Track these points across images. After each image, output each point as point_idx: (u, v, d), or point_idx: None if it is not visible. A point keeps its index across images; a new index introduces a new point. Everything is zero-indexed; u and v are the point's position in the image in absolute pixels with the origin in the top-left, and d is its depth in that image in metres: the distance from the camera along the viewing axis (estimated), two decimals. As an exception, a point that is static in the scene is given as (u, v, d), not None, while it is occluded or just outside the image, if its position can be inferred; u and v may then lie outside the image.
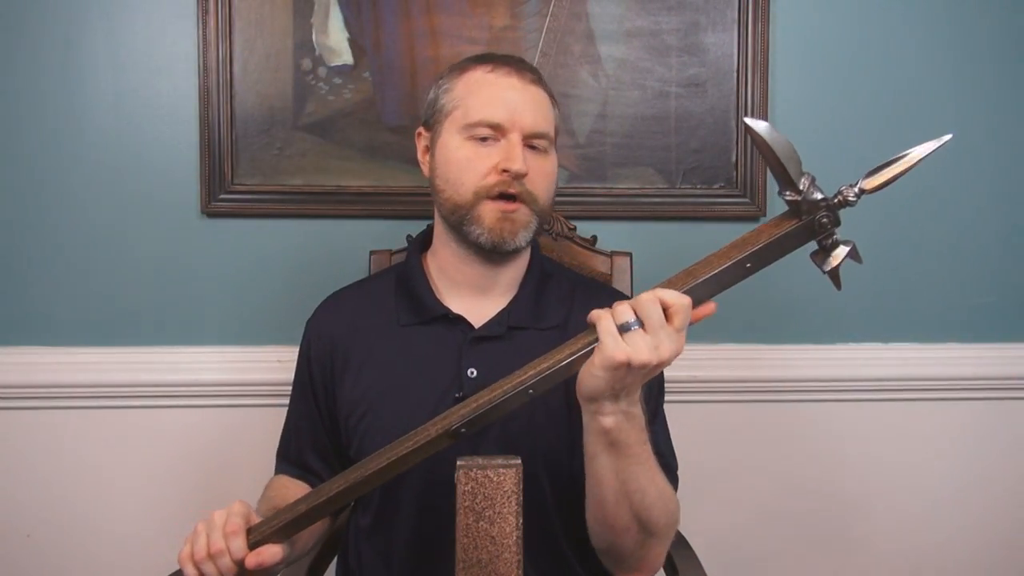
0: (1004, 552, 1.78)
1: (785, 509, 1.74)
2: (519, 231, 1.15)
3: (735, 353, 1.70)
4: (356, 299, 1.29)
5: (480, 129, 1.15)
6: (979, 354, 1.73)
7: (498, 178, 1.14)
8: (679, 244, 1.68)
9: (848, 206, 0.91)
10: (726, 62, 1.65)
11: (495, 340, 1.18)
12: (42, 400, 1.63)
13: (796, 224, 0.91)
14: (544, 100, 1.19)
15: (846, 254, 0.93)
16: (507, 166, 1.13)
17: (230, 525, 1.00)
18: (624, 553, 1.09)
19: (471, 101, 1.16)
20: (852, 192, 0.91)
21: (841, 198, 0.91)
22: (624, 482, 1.01)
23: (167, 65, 1.62)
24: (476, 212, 1.14)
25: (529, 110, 1.15)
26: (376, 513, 1.21)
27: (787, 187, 0.91)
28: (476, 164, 1.14)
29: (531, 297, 1.23)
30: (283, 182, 1.62)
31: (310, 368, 1.26)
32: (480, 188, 1.14)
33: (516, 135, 1.14)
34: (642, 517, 1.04)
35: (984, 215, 1.73)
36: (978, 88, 1.70)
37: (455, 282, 1.23)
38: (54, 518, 1.66)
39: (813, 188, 0.90)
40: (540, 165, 1.17)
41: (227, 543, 0.98)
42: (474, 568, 0.95)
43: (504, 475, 0.94)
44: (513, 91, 1.16)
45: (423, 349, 1.20)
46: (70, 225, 1.62)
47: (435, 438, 0.97)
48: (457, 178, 1.16)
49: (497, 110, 1.14)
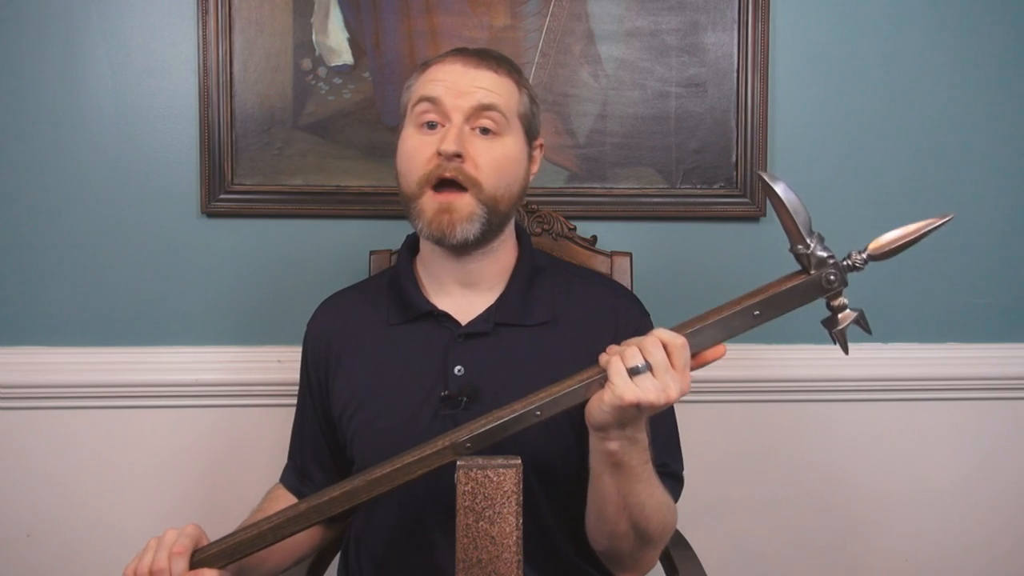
0: (1004, 551, 1.78)
1: (785, 509, 1.74)
2: (460, 223, 1.11)
3: (735, 353, 1.69)
4: (352, 301, 1.29)
5: (422, 107, 1.13)
6: (979, 354, 1.73)
7: (436, 162, 1.11)
8: (679, 244, 1.68)
9: (855, 270, 0.97)
10: (726, 62, 1.65)
11: (482, 337, 1.18)
12: (42, 400, 1.63)
13: (806, 278, 0.97)
14: (499, 81, 1.15)
15: (852, 319, 1.00)
16: (439, 147, 1.11)
17: (178, 545, 1.01)
18: (622, 555, 1.13)
19: (417, 87, 1.16)
20: (859, 257, 0.97)
21: (848, 261, 0.97)
22: (625, 496, 1.04)
23: (167, 65, 1.62)
24: (419, 204, 1.13)
25: (471, 89, 1.13)
26: (377, 513, 1.21)
27: (798, 242, 0.97)
28: (421, 151, 1.13)
29: (519, 293, 1.21)
30: (283, 182, 1.62)
31: (308, 372, 1.27)
32: (421, 177, 1.12)
33: (458, 115, 1.12)
34: (640, 527, 1.08)
35: (984, 215, 1.73)
36: (978, 88, 1.70)
37: (440, 280, 1.22)
38: (54, 518, 1.66)
39: (820, 247, 0.97)
40: (485, 147, 1.13)
41: (170, 563, 1.00)
42: (474, 568, 0.95)
43: (504, 475, 0.94)
44: (456, 73, 1.14)
45: (410, 347, 1.19)
46: (70, 225, 1.62)
47: (440, 451, 0.98)
48: (404, 169, 1.15)
49: (436, 86, 1.13)
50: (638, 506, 1.05)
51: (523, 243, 1.26)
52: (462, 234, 1.12)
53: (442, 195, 1.12)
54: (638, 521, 1.06)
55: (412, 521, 1.18)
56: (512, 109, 1.16)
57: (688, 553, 1.34)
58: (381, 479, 0.99)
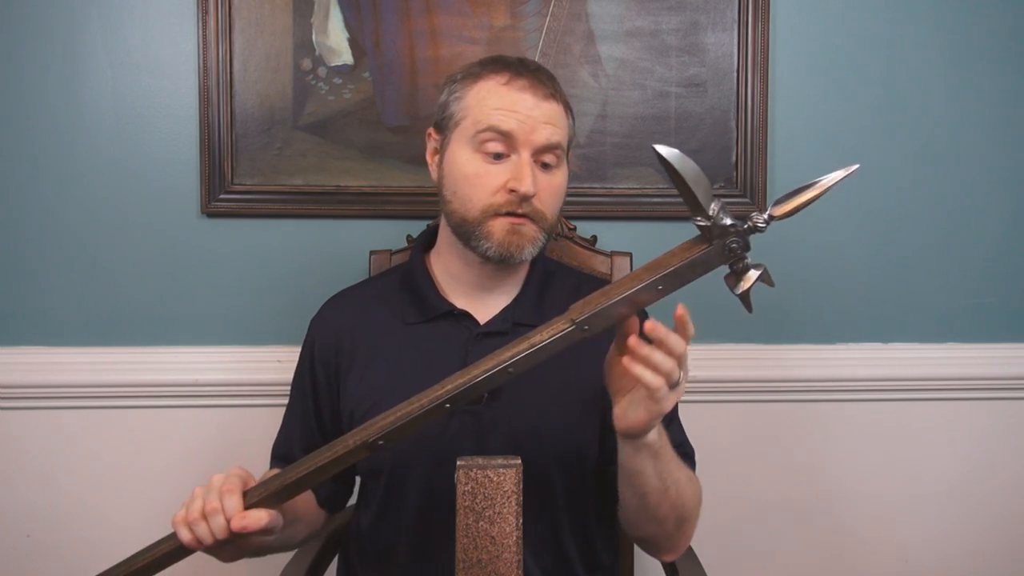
0: (1004, 551, 1.78)
1: (785, 508, 1.74)
2: (526, 245, 1.15)
3: (735, 353, 1.70)
4: (361, 298, 1.29)
5: (489, 135, 1.13)
6: (979, 354, 1.73)
7: (507, 197, 1.13)
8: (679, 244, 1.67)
9: (757, 232, 0.93)
10: (726, 62, 1.65)
11: (500, 336, 1.19)
12: (42, 400, 1.63)
13: (707, 249, 0.93)
14: (558, 113, 1.17)
15: (756, 278, 0.95)
16: (515, 186, 1.12)
17: (227, 485, 0.99)
18: (663, 538, 1.18)
19: (480, 112, 1.14)
20: (761, 219, 0.92)
21: (750, 224, 0.93)
22: (664, 479, 1.09)
23: (167, 65, 1.62)
24: (484, 228, 1.14)
25: (541, 125, 1.13)
26: (378, 513, 1.21)
27: (697, 213, 0.92)
28: (486, 181, 1.13)
29: (535, 294, 1.24)
30: (283, 182, 1.62)
31: (313, 368, 1.26)
32: (488, 206, 1.13)
33: (526, 152, 1.13)
34: (677, 504, 1.12)
35: (985, 215, 1.73)
36: (979, 88, 1.70)
37: (460, 281, 1.23)
38: (54, 518, 1.66)
39: (723, 214, 0.92)
40: (549, 182, 1.16)
41: (222, 502, 0.98)
42: (474, 568, 0.95)
43: (504, 475, 0.94)
44: (525, 105, 1.13)
45: (429, 346, 1.20)
46: (70, 225, 1.62)
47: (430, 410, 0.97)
48: (466, 194, 1.15)
49: (507, 119, 1.12)
50: (674, 485, 1.10)
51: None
52: (525, 256, 1.16)
53: (513, 219, 1.14)
54: (675, 500, 1.11)
55: (412, 521, 1.18)
56: (566, 139, 1.19)
57: (688, 553, 1.34)
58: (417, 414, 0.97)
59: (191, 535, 0.98)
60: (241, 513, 0.97)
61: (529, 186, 1.11)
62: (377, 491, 1.21)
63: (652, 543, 1.22)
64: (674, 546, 1.21)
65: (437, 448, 1.14)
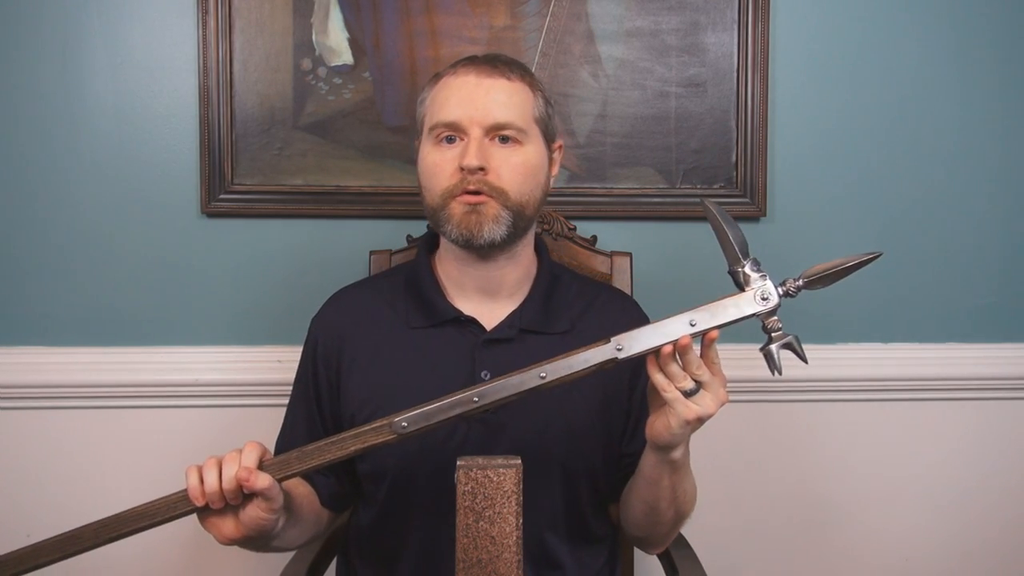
0: (1004, 551, 1.78)
1: (785, 508, 1.74)
2: (487, 223, 1.14)
3: (735, 353, 1.69)
4: (364, 297, 1.29)
5: (439, 130, 1.16)
6: (979, 354, 1.73)
7: (459, 176, 1.14)
8: (679, 244, 1.68)
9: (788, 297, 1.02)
10: (726, 62, 1.65)
11: (506, 343, 1.19)
12: (42, 400, 1.63)
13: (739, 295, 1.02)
14: (512, 90, 1.17)
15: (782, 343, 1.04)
16: (461, 163, 1.14)
17: (248, 444, 1.00)
18: (659, 536, 1.25)
19: (434, 107, 1.18)
20: (794, 285, 1.02)
21: (783, 288, 1.02)
22: (675, 489, 1.14)
23: (167, 65, 1.62)
24: (446, 212, 1.16)
25: (487, 103, 1.15)
26: (381, 513, 1.21)
27: (735, 263, 1.03)
28: (442, 167, 1.16)
29: (541, 301, 1.23)
30: (283, 182, 1.62)
31: (315, 366, 1.26)
32: (445, 189, 1.15)
33: (476, 130, 1.14)
34: (680, 511, 1.19)
35: (984, 215, 1.73)
36: (979, 88, 1.70)
37: (461, 284, 1.23)
38: (54, 518, 1.65)
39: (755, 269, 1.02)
40: (506, 157, 1.15)
41: (242, 452, 0.99)
42: (474, 568, 0.95)
43: (504, 475, 0.94)
44: (468, 87, 1.16)
45: (435, 351, 1.20)
46: (70, 225, 1.62)
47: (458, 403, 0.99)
48: (428, 183, 1.18)
49: (452, 109, 1.15)
50: (683, 493, 1.16)
51: (541, 253, 1.28)
52: (489, 235, 1.14)
53: (468, 197, 1.14)
54: (679, 506, 1.17)
55: (418, 523, 1.18)
56: (528, 116, 1.18)
57: (688, 553, 1.34)
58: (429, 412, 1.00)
59: (198, 480, 0.98)
60: (250, 467, 0.97)
61: (472, 158, 1.12)
62: (380, 493, 1.21)
63: (646, 542, 1.28)
64: (665, 543, 1.28)
65: (443, 452, 1.14)
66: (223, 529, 1.00)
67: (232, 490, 0.97)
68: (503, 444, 1.15)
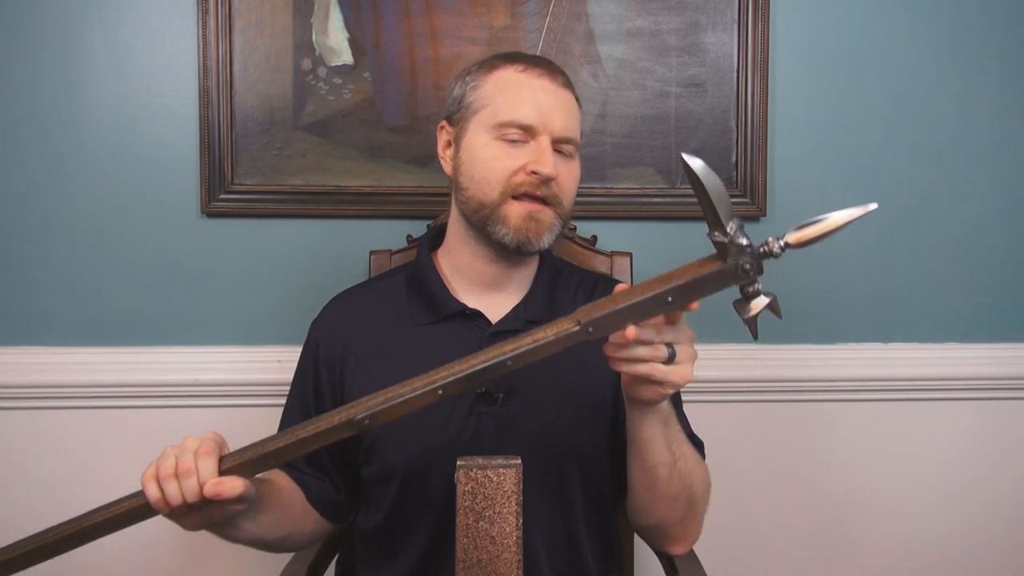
0: (1004, 551, 1.78)
1: (785, 508, 1.74)
2: (544, 233, 1.15)
3: (735, 353, 1.70)
4: (365, 299, 1.29)
5: (510, 130, 1.14)
6: (979, 354, 1.73)
7: (526, 178, 1.13)
8: (679, 244, 1.68)
9: (772, 257, 0.91)
10: (726, 62, 1.65)
11: (513, 335, 1.18)
12: (42, 400, 1.63)
13: (721, 266, 0.91)
14: (573, 105, 1.19)
15: (765, 305, 0.93)
16: (537, 168, 1.12)
17: (203, 447, 0.94)
18: (673, 522, 1.17)
19: (501, 100, 1.15)
20: (777, 244, 0.90)
21: (766, 248, 0.90)
22: (672, 450, 1.09)
23: (167, 65, 1.62)
24: (501, 211, 1.14)
25: (560, 114, 1.15)
26: (389, 514, 1.20)
27: (715, 228, 0.90)
28: (505, 163, 1.14)
29: (545, 293, 1.24)
30: (283, 182, 1.62)
31: (317, 370, 1.25)
32: (507, 187, 1.14)
33: (546, 138, 1.14)
34: (687, 482, 1.12)
35: (984, 215, 1.73)
36: (978, 88, 1.70)
37: (469, 280, 1.23)
38: (54, 518, 1.65)
39: (740, 234, 0.90)
40: (567, 169, 1.17)
41: (197, 463, 0.92)
42: (474, 568, 0.95)
43: (504, 475, 0.95)
44: (544, 93, 1.15)
45: (441, 346, 1.18)
46: (70, 225, 1.62)
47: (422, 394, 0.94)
48: (484, 177, 1.15)
49: (529, 111, 1.14)
50: (683, 458, 1.11)
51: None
52: (543, 243, 1.16)
53: (532, 204, 1.14)
54: (684, 476, 1.11)
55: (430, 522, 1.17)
56: (579, 132, 1.20)
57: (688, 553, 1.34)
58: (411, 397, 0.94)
59: (159, 494, 0.93)
60: (217, 479, 0.92)
61: (551, 168, 1.12)
62: (388, 495, 1.19)
63: (661, 529, 1.19)
64: (684, 533, 1.19)
65: (455, 449, 1.11)
66: (186, 523, 0.98)
67: (195, 503, 0.93)
68: (514, 438, 1.14)
